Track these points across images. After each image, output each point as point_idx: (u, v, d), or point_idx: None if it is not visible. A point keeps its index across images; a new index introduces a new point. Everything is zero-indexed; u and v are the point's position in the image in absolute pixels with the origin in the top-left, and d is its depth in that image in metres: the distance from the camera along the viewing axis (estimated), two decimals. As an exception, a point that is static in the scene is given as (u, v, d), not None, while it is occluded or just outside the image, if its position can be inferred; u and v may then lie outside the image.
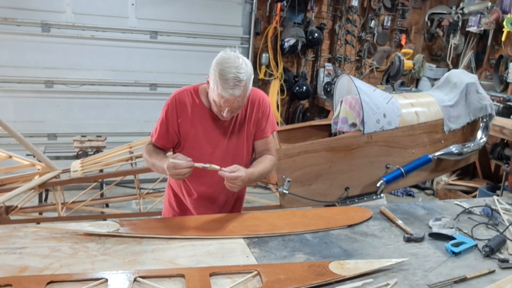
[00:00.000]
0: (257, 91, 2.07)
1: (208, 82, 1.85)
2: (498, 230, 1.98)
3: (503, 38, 5.42)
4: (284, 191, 3.18)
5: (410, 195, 5.43)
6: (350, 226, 1.96)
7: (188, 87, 2.00)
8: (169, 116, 1.96)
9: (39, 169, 3.31)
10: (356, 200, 3.49)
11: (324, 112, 6.17)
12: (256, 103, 2.03)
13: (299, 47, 5.73)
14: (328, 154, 3.33)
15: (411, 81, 6.73)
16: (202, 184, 2.05)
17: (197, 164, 1.77)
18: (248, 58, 5.68)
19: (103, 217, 3.66)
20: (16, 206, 3.16)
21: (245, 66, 1.78)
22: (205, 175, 1.96)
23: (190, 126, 1.96)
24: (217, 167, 1.78)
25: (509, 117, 4.74)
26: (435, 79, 6.07)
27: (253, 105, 2.02)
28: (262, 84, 5.93)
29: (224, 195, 2.10)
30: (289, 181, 3.19)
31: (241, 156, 2.05)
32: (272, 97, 5.83)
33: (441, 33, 6.38)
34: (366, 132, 3.37)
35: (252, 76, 1.85)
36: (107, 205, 4.20)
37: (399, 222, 1.99)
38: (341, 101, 3.67)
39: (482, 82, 4.94)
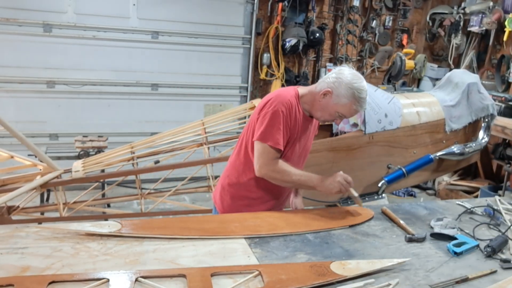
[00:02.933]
0: None
1: (326, 94, 1.98)
2: (500, 230, 1.98)
3: (505, 38, 5.41)
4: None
5: (411, 195, 5.43)
6: (351, 226, 1.95)
7: (290, 92, 2.05)
8: (288, 122, 2.00)
9: (40, 169, 3.31)
10: (357, 200, 3.48)
11: (326, 112, 6.16)
12: None
13: (300, 47, 5.72)
14: (330, 154, 3.33)
15: (412, 81, 6.72)
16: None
17: (352, 190, 2.05)
18: (249, 58, 5.76)
19: (104, 217, 3.66)
20: (18, 206, 3.16)
21: (365, 85, 2.01)
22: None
23: (294, 131, 2.06)
24: (361, 204, 2.13)
25: (511, 117, 4.74)
26: (437, 79, 6.06)
27: None
28: (263, 84, 5.93)
29: (289, 190, 2.27)
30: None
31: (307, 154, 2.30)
32: (274, 97, 5.82)
33: (442, 33, 6.37)
34: (368, 132, 3.37)
35: None
36: (108, 205, 4.20)
37: (401, 222, 1.99)
38: (343, 101, 3.66)
39: (483, 82, 4.94)
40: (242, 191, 2.15)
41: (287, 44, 5.68)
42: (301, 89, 2.09)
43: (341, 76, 1.97)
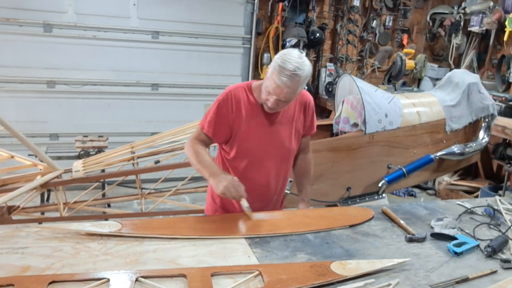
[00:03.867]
0: (306, 93, 2.19)
1: (266, 73, 1.93)
2: (500, 231, 1.98)
3: (505, 38, 5.41)
4: (286, 191, 3.17)
5: (412, 195, 5.42)
6: (351, 226, 1.95)
7: (241, 84, 2.07)
8: (224, 111, 1.99)
9: (41, 169, 3.31)
10: (357, 200, 3.49)
11: (326, 112, 6.17)
12: (307, 105, 2.15)
13: (300, 47, 5.72)
14: (330, 154, 3.33)
15: (413, 81, 6.72)
16: (248, 178, 2.07)
17: (243, 201, 1.87)
18: (249, 58, 5.74)
19: (105, 217, 3.66)
20: (18, 206, 3.16)
21: (305, 66, 1.86)
22: (255, 167, 2.06)
23: (242, 121, 2.00)
24: (253, 216, 1.92)
25: (511, 117, 4.73)
26: (437, 79, 6.06)
27: (302, 106, 2.14)
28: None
29: (272, 191, 2.17)
30: (291, 181, 3.19)
31: (289, 153, 2.16)
32: (274, 97, 5.82)
33: (443, 33, 6.37)
34: (368, 132, 3.37)
35: (307, 79, 1.93)
36: (109, 205, 4.20)
37: (401, 222, 1.99)
38: (343, 101, 3.67)
39: (484, 82, 4.94)
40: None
41: (288, 44, 5.67)
42: (256, 82, 2.07)
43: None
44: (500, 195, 3.66)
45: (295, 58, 1.84)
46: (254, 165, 2.07)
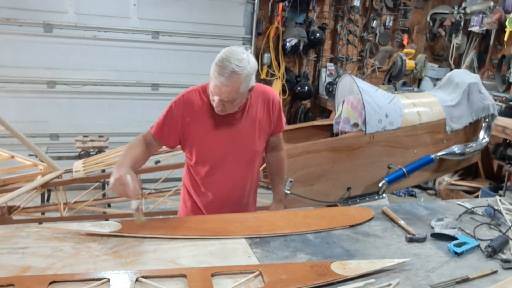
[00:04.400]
0: (268, 89, 2.11)
1: None
2: (500, 231, 1.98)
3: (505, 38, 5.41)
4: (286, 191, 3.18)
5: (412, 195, 5.42)
6: (352, 226, 1.95)
7: (197, 86, 2.01)
8: (174, 114, 1.95)
9: (41, 169, 3.31)
10: (358, 200, 3.49)
11: (326, 112, 6.17)
12: (271, 102, 2.07)
13: (301, 47, 5.72)
14: (330, 154, 3.33)
15: (413, 81, 6.72)
16: (212, 182, 2.05)
17: (133, 202, 1.74)
18: (250, 58, 5.72)
19: (105, 217, 3.67)
20: (19, 206, 3.16)
21: (247, 63, 1.80)
22: (217, 171, 2.01)
23: (197, 125, 1.95)
24: (142, 223, 1.75)
25: (511, 117, 4.73)
26: (437, 79, 6.06)
27: (266, 104, 2.05)
28: (264, 84, 5.91)
29: (237, 195, 2.11)
30: (291, 181, 3.19)
31: (254, 154, 2.09)
32: (274, 97, 5.82)
33: (443, 33, 6.37)
34: (368, 132, 3.37)
35: (252, 76, 1.85)
36: (109, 205, 4.21)
37: (401, 222, 1.99)
38: (343, 101, 3.67)
39: (484, 82, 4.93)
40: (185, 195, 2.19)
41: (288, 44, 5.68)
42: None
43: None
44: (500, 195, 3.66)
45: (234, 55, 1.78)
46: (216, 169, 2.01)
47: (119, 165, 1.80)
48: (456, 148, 3.71)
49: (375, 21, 6.29)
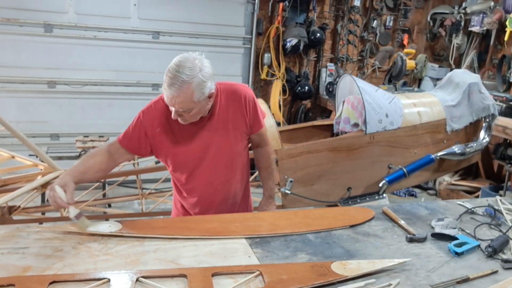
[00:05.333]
0: (239, 87, 2.03)
1: None
2: (501, 231, 1.98)
3: (506, 38, 5.41)
4: (287, 191, 3.18)
5: (412, 195, 5.42)
6: (352, 226, 1.95)
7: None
8: (143, 124, 1.91)
9: (41, 169, 3.31)
10: (358, 200, 3.49)
11: (326, 112, 6.17)
12: (244, 100, 1.98)
13: (301, 47, 5.72)
14: (330, 154, 3.33)
15: (413, 81, 6.72)
16: (193, 188, 2.04)
17: (71, 210, 1.69)
18: (250, 58, 5.74)
19: (105, 217, 3.66)
20: (19, 206, 3.16)
21: (198, 70, 1.74)
22: (196, 177, 1.98)
23: (168, 135, 1.91)
24: (87, 225, 1.72)
25: (511, 117, 4.73)
26: (438, 79, 6.06)
27: (237, 103, 1.98)
28: (264, 84, 5.93)
29: (222, 197, 2.08)
30: (291, 181, 3.19)
31: (233, 156, 2.03)
32: (274, 97, 5.83)
33: (443, 33, 6.37)
34: (369, 132, 3.37)
35: (206, 83, 1.77)
36: (109, 205, 4.20)
37: (402, 222, 1.98)
38: (343, 101, 3.67)
39: (484, 82, 4.93)
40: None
41: (288, 44, 5.68)
42: None
43: None
44: (500, 195, 3.65)
45: (184, 64, 1.73)
46: (195, 175, 1.99)
47: (63, 174, 1.79)
48: (456, 148, 3.71)
49: (375, 21, 6.29)
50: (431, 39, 6.63)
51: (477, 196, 4.75)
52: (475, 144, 3.80)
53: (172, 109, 1.79)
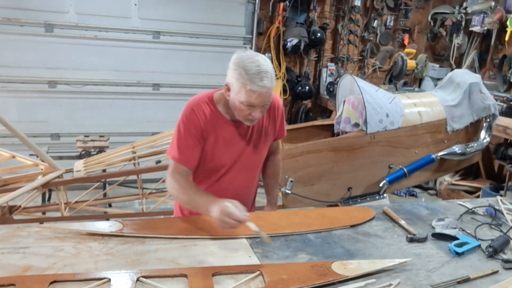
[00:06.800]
0: (275, 96, 2.04)
1: (227, 89, 1.77)
2: (501, 231, 1.98)
3: (506, 38, 5.41)
4: (287, 191, 3.18)
5: (413, 195, 5.42)
6: (352, 226, 1.95)
7: (201, 97, 1.88)
8: (193, 130, 1.81)
9: (42, 169, 3.32)
10: (359, 200, 3.49)
11: (327, 112, 6.17)
12: (276, 109, 2.01)
13: (301, 47, 5.72)
14: (331, 154, 3.33)
15: (414, 81, 6.72)
16: (215, 192, 1.96)
17: (250, 224, 1.61)
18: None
19: (106, 216, 3.66)
20: (20, 206, 3.17)
21: (265, 60, 1.73)
22: (221, 181, 1.94)
23: (210, 139, 1.85)
24: (268, 239, 1.63)
25: (512, 117, 4.73)
26: (438, 79, 6.05)
27: (270, 110, 1.98)
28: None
29: (238, 199, 2.03)
30: (292, 181, 3.19)
31: (259, 161, 2.05)
32: (275, 97, 5.82)
33: (444, 33, 6.37)
34: (369, 132, 3.37)
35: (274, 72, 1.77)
36: (110, 205, 4.20)
37: (402, 222, 1.98)
38: (344, 101, 3.67)
39: (485, 82, 4.93)
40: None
41: (289, 44, 5.68)
42: (217, 93, 1.89)
43: (230, 62, 1.75)
44: (501, 195, 3.65)
45: (252, 58, 1.70)
46: (220, 180, 1.94)
47: (207, 204, 1.67)
48: (457, 148, 3.71)
49: (376, 21, 6.29)
50: (432, 39, 6.63)
51: (478, 196, 4.75)
52: (475, 144, 3.80)
53: (258, 107, 1.73)
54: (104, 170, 3.71)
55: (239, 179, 1.99)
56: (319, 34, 5.84)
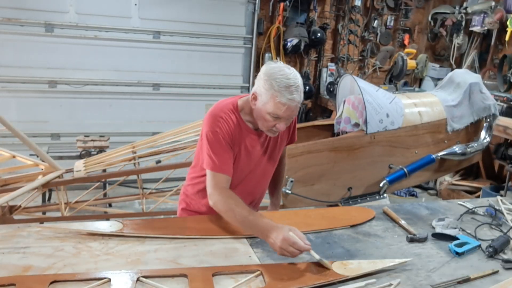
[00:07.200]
0: None
1: (254, 98, 1.77)
2: (501, 231, 1.98)
3: (506, 38, 5.40)
4: (287, 191, 3.18)
5: (413, 195, 5.42)
6: (353, 226, 1.95)
7: (226, 104, 1.86)
8: (226, 138, 1.80)
9: (42, 169, 3.32)
10: (359, 200, 3.49)
11: (327, 112, 6.17)
12: None
13: (302, 47, 5.72)
14: (331, 154, 3.33)
15: (414, 81, 6.72)
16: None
17: (313, 252, 1.58)
18: (251, 58, 5.75)
19: (106, 216, 3.67)
20: (20, 206, 3.17)
21: (296, 73, 1.74)
22: (235, 186, 1.90)
23: (235, 147, 1.85)
24: (329, 265, 1.57)
25: (512, 117, 4.73)
26: (439, 79, 6.06)
27: None
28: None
29: (248, 202, 2.01)
30: (292, 181, 3.19)
31: (270, 173, 2.07)
32: (275, 97, 5.82)
33: (444, 33, 6.37)
34: (369, 132, 3.37)
35: None
36: (110, 205, 4.21)
37: (402, 222, 1.98)
38: (344, 101, 3.67)
39: (485, 82, 4.93)
40: (194, 206, 2.05)
41: (289, 44, 5.68)
42: (241, 100, 1.88)
43: (260, 72, 1.77)
44: (501, 195, 3.64)
45: (285, 71, 1.71)
46: (236, 187, 1.90)
47: (266, 229, 1.61)
48: (457, 148, 3.71)
49: (376, 21, 6.28)
50: (432, 39, 6.63)
51: (478, 196, 4.74)
52: (476, 144, 3.80)
53: (283, 120, 1.75)
54: (104, 170, 3.71)
55: (250, 186, 2.00)
56: (319, 34, 5.84)
